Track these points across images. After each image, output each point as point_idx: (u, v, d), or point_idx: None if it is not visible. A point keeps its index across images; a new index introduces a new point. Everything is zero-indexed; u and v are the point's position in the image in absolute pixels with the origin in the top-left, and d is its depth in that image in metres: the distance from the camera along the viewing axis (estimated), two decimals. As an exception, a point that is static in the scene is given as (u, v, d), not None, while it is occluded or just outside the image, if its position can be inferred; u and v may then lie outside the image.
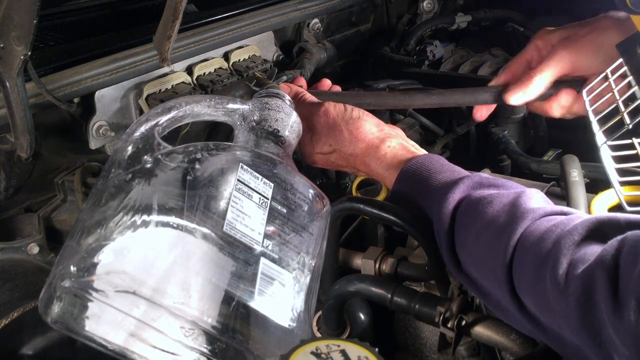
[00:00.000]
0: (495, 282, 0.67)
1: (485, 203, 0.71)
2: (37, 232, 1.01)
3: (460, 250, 0.73)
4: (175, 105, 0.79)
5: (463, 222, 0.73)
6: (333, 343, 0.54)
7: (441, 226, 0.74)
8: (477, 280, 0.71)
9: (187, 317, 0.60)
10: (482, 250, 0.69)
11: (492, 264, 0.67)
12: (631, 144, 0.96)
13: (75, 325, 0.60)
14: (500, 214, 0.69)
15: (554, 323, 0.62)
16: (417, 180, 0.80)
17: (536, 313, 0.64)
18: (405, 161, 0.83)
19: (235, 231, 0.65)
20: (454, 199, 0.74)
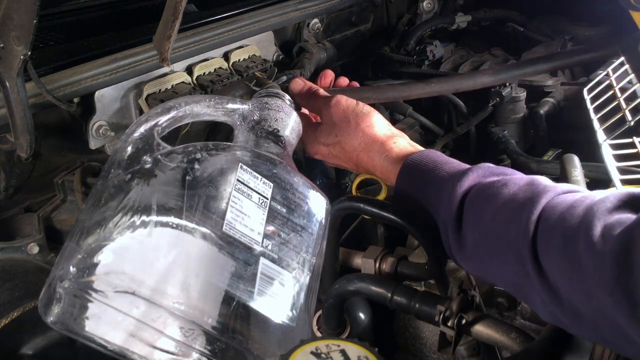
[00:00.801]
0: (512, 254, 0.67)
1: (499, 185, 0.72)
2: (37, 232, 1.01)
3: (471, 233, 0.72)
4: (175, 105, 0.79)
5: (476, 205, 0.73)
6: (333, 343, 0.54)
7: (449, 210, 0.74)
8: (487, 260, 0.71)
9: (186, 317, 0.60)
10: (500, 226, 0.69)
11: (513, 236, 0.67)
12: (632, 143, 0.96)
13: (75, 326, 0.60)
14: (518, 192, 0.70)
15: (580, 289, 0.61)
16: (424, 171, 0.81)
17: (558, 282, 0.63)
18: (411, 154, 0.84)
19: (234, 231, 0.65)
20: (464, 186, 0.75)
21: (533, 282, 0.65)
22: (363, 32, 1.67)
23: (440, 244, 0.79)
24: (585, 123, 1.18)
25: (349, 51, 1.67)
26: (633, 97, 1.11)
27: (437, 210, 0.78)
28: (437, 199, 0.78)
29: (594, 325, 0.61)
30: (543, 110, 1.43)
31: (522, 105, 1.47)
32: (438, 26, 1.77)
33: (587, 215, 0.61)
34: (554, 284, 0.64)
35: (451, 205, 0.74)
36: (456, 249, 0.75)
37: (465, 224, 0.73)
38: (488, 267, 0.71)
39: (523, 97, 1.47)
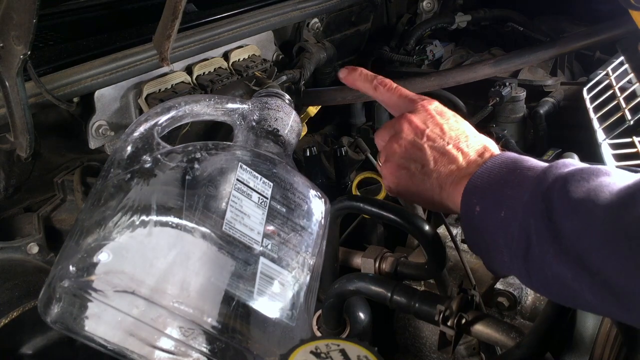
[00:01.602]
0: (624, 244, 0.56)
1: (595, 171, 0.62)
2: (36, 231, 1.01)
3: (569, 221, 0.60)
4: (175, 105, 0.79)
5: (572, 191, 0.61)
6: (333, 342, 0.54)
7: (535, 197, 0.63)
8: (588, 252, 0.59)
9: (186, 316, 0.60)
10: (608, 213, 0.58)
11: (628, 223, 0.56)
12: (631, 142, 0.96)
13: (75, 325, 0.61)
14: (622, 178, 0.61)
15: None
16: (514, 160, 0.70)
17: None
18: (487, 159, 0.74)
19: (234, 231, 0.65)
20: (553, 172, 0.64)
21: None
22: (363, 32, 1.67)
23: (440, 244, 0.79)
24: (585, 123, 1.18)
25: (349, 51, 1.68)
26: (632, 96, 1.11)
27: (515, 201, 0.65)
28: (518, 187, 0.65)
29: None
30: (543, 110, 1.43)
31: (522, 105, 1.47)
32: (438, 26, 1.77)
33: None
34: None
35: (537, 193, 0.63)
36: (548, 245, 0.61)
37: (559, 211, 0.61)
38: (595, 264, 0.58)
39: (523, 97, 1.46)
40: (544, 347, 0.69)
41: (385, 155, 0.80)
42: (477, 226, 0.68)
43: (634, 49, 0.98)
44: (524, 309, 1.00)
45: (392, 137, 0.80)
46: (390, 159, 0.79)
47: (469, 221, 0.69)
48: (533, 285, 0.66)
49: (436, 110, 0.80)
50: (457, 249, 0.95)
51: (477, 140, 0.77)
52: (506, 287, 0.98)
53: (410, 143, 0.77)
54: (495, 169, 0.70)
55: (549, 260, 0.61)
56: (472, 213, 0.68)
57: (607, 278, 0.56)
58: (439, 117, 0.79)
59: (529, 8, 1.83)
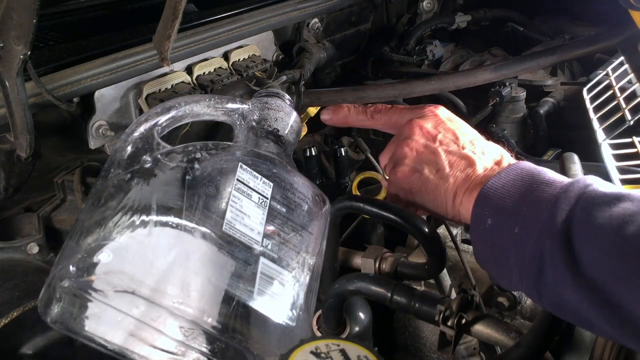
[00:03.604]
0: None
1: (617, 196, 0.59)
2: (36, 231, 1.01)
3: (588, 249, 0.58)
4: (175, 105, 0.79)
5: (592, 216, 0.58)
6: (333, 342, 0.54)
7: (553, 221, 0.60)
8: (607, 283, 0.56)
9: (186, 316, 0.60)
10: (631, 242, 0.55)
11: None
12: (631, 142, 0.96)
13: (75, 325, 0.61)
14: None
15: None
16: (531, 172, 0.67)
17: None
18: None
19: (234, 231, 0.65)
20: (571, 194, 0.61)
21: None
22: (363, 32, 1.67)
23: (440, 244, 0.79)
24: (585, 123, 1.18)
25: (349, 51, 1.68)
26: (632, 96, 1.11)
27: (531, 220, 0.62)
28: (536, 204, 0.63)
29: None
30: (543, 110, 1.43)
31: (522, 105, 1.47)
32: (438, 26, 1.77)
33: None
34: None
35: (557, 214, 0.60)
36: (563, 269, 0.58)
37: (579, 237, 0.58)
38: (614, 295, 0.56)
39: (523, 97, 1.46)
40: (543, 346, 0.69)
41: (394, 160, 0.76)
42: (487, 240, 0.65)
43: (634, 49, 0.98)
44: (524, 309, 1.00)
45: (402, 142, 0.76)
46: (402, 163, 0.75)
47: (479, 234, 0.66)
48: (543, 305, 0.64)
49: (445, 116, 0.78)
50: (457, 249, 0.95)
51: (493, 147, 0.74)
52: (506, 287, 0.98)
53: (424, 146, 0.74)
54: (511, 180, 0.66)
55: (563, 285, 0.58)
56: (484, 225, 0.65)
57: (628, 312, 0.54)
58: (449, 123, 0.76)
59: (529, 8, 1.83)
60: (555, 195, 0.61)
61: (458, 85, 1.02)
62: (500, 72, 1.01)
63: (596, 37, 1.10)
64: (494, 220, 0.65)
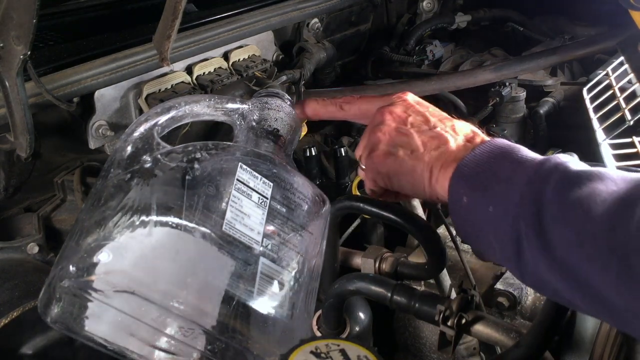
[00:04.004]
0: (615, 260, 0.54)
1: (591, 175, 0.59)
2: (36, 231, 1.01)
3: (560, 230, 0.58)
4: (175, 105, 0.79)
5: (566, 196, 0.58)
6: (333, 342, 0.54)
7: (525, 200, 0.60)
8: (583, 265, 0.56)
9: (186, 316, 0.60)
10: (601, 226, 0.55)
11: (619, 240, 0.54)
12: (631, 142, 0.96)
13: (75, 325, 0.60)
14: (619, 185, 0.58)
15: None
16: (504, 150, 0.67)
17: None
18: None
19: (234, 231, 0.65)
20: (545, 170, 0.61)
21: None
22: (363, 32, 1.67)
23: (440, 244, 0.79)
24: (585, 123, 1.18)
25: (349, 51, 1.68)
26: (632, 96, 1.11)
27: (505, 199, 0.62)
28: (508, 182, 0.63)
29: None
30: (543, 110, 1.44)
31: (522, 105, 1.47)
32: (438, 26, 1.77)
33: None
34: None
35: (528, 195, 0.60)
36: (540, 250, 0.59)
37: (550, 219, 0.58)
38: (584, 276, 0.56)
39: (523, 97, 1.47)
40: (543, 346, 0.69)
41: (369, 148, 0.76)
42: (465, 217, 0.67)
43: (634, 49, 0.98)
44: (524, 309, 1.00)
45: (374, 129, 0.76)
46: (376, 149, 0.75)
47: (457, 211, 0.67)
48: (526, 284, 0.66)
49: (414, 100, 0.79)
50: (457, 249, 0.95)
51: (463, 125, 0.74)
52: (506, 287, 0.98)
53: (395, 130, 0.75)
54: (484, 157, 0.67)
55: (540, 267, 0.59)
56: (460, 203, 0.66)
57: (598, 292, 0.55)
58: (418, 106, 0.77)
59: (529, 8, 1.83)
60: (527, 176, 0.62)
61: (458, 85, 1.02)
62: (500, 73, 1.01)
63: (596, 38, 1.10)
64: (469, 199, 0.65)
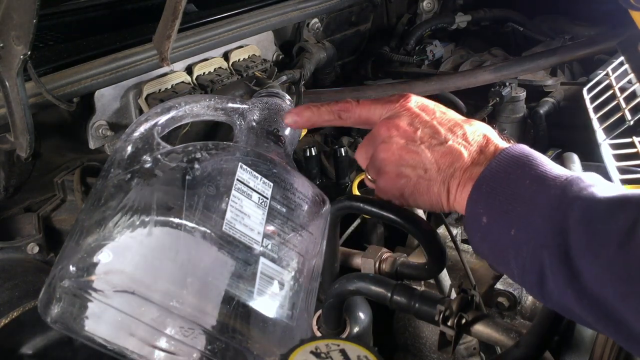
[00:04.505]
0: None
1: (618, 201, 0.55)
2: (36, 231, 1.01)
3: (589, 265, 0.54)
4: (175, 105, 0.79)
5: (592, 229, 0.54)
6: (333, 342, 0.54)
7: (552, 232, 0.56)
8: (610, 301, 0.53)
9: (186, 316, 0.60)
10: (632, 260, 0.52)
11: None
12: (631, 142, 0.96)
13: (75, 325, 0.60)
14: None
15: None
16: (522, 163, 0.62)
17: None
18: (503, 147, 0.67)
19: (234, 231, 0.65)
20: (569, 198, 0.57)
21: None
22: (363, 32, 1.67)
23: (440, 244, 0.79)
24: (585, 123, 1.18)
25: (349, 51, 1.68)
26: (632, 96, 1.11)
27: (527, 223, 0.58)
28: (530, 204, 0.59)
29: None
30: (543, 110, 1.44)
31: (522, 105, 1.47)
32: (438, 26, 1.77)
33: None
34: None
35: (552, 223, 0.56)
36: (565, 283, 0.55)
37: (577, 252, 0.54)
38: (618, 314, 0.53)
39: (523, 97, 1.47)
40: (543, 346, 0.69)
41: (376, 167, 0.72)
42: (485, 237, 0.63)
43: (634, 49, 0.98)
44: (524, 309, 1.00)
45: (379, 147, 0.71)
46: (385, 170, 0.71)
47: (476, 232, 0.63)
48: (553, 308, 0.61)
49: (419, 107, 0.72)
50: (457, 249, 0.95)
51: (475, 129, 0.69)
52: (506, 287, 0.98)
53: (404, 149, 0.69)
54: (502, 173, 0.62)
55: (566, 297, 0.56)
56: (479, 224, 0.62)
57: (633, 329, 0.52)
58: (424, 115, 0.71)
59: (529, 8, 1.83)
60: (549, 199, 0.58)
61: (458, 85, 1.02)
62: (500, 73, 1.01)
63: (596, 38, 1.10)
64: (489, 219, 0.62)
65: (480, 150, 0.67)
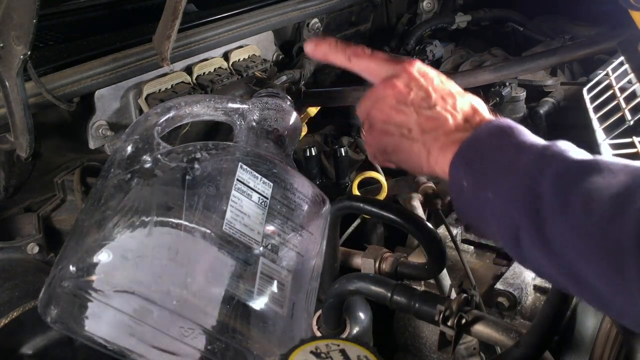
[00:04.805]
0: (607, 259, 0.53)
1: (590, 167, 0.58)
2: (36, 231, 1.01)
3: (558, 225, 0.57)
4: (175, 105, 0.79)
5: (563, 190, 0.58)
6: (333, 342, 0.54)
7: (526, 192, 0.59)
8: (575, 262, 0.56)
9: (186, 316, 0.60)
10: (594, 223, 0.54)
11: (611, 239, 0.53)
12: (631, 142, 0.96)
13: (75, 325, 0.61)
14: (615, 178, 0.56)
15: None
16: (504, 132, 0.66)
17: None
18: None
19: (234, 231, 0.65)
20: (545, 161, 0.60)
21: (637, 299, 0.52)
22: (363, 31, 1.67)
23: (440, 244, 0.79)
24: (585, 123, 1.17)
25: (349, 51, 1.67)
26: (632, 96, 1.11)
27: (503, 188, 0.62)
28: (506, 170, 0.62)
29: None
30: (543, 110, 1.43)
31: (522, 105, 1.47)
32: (438, 26, 1.77)
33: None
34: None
35: (525, 187, 0.59)
36: (537, 243, 0.59)
37: (547, 213, 0.58)
38: (580, 272, 0.56)
39: (523, 97, 1.46)
40: (543, 346, 0.69)
41: (368, 122, 0.77)
42: (466, 201, 0.66)
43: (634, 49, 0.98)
44: (524, 309, 1.00)
45: (374, 104, 0.76)
46: (374, 126, 0.76)
47: (458, 194, 0.67)
48: (527, 268, 0.65)
49: (419, 72, 0.76)
50: (457, 249, 0.95)
51: (465, 101, 0.73)
52: (506, 287, 0.98)
53: (394, 108, 0.74)
54: (485, 140, 0.66)
55: (538, 258, 0.59)
56: (461, 187, 0.66)
57: (594, 288, 0.55)
58: (422, 80, 0.75)
59: (529, 8, 1.83)
60: (524, 164, 0.61)
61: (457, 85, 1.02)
62: (500, 73, 1.01)
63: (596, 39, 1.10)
64: (469, 183, 0.65)
65: (466, 119, 0.70)
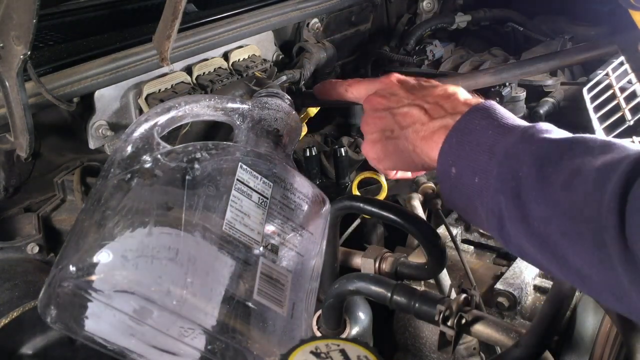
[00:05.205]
0: (591, 237, 0.53)
1: (568, 145, 0.59)
2: (36, 231, 1.01)
3: (537, 205, 0.58)
4: (175, 105, 0.79)
5: (542, 170, 0.58)
6: (333, 342, 0.54)
7: (504, 173, 0.60)
8: (554, 238, 0.57)
9: (186, 316, 0.60)
10: (575, 200, 0.55)
11: (591, 215, 0.53)
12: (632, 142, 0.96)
13: (75, 325, 0.61)
14: (595, 155, 0.56)
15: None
16: (488, 115, 0.67)
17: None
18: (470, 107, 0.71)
19: (234, 231, 0.65)
20: (523, 141, 0.61)
21: (617, 272, 0.52)
22: (363, 31, 1.67)
23: (439, 244, 0.79)
24: (585, 123, 1.18)
25: (349, 51, 1.67)
26: (632, 96, 1.11)
27: (486, 171, 0.63)
28: (490, 153, 0.63)
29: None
30: (543, 110, 1.43)
31: (522, 105, 1.47)
32: (438, 26, 1.77)
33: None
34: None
35: (506, 168, 0.60)
36: (518, 224, 0.60)
37: (527, 194, 0.59)
38: (560, 250, 0.57)
39: (523, 97, 1.46)
40: (543, 346, 0.69)
41: (364, 137, 0.82)
42: (454, 188, 0.67)
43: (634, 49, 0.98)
44: (524, 309, 1.00)
45: (362, 119, 0.82)
46: (365, 139, 0.80)
47: (447, 181, 0.68)
48: (511, 252, 0.66)
49: (398, 80, 0.82)
50: (457, 249, 0.95)
51: (438, 90, 0.75)
52: (506, 287, 0.98)
53: (373, 117, 0.78)
54: (469, 125, 0.67)
55: (521, 240, 0.60)
56: (449, 175, 0.67)
57: (574, 266, 0.56)
58: (397, 87, 0.80)
59: (528, 8, 1.83)
60: (506, 146, 0.62)
61: (458, 88, 1.03)
62: (500, 77, 1.01)
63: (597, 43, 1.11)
64: (457, 170, 0.66)
65: (441, 107, 0.72)
